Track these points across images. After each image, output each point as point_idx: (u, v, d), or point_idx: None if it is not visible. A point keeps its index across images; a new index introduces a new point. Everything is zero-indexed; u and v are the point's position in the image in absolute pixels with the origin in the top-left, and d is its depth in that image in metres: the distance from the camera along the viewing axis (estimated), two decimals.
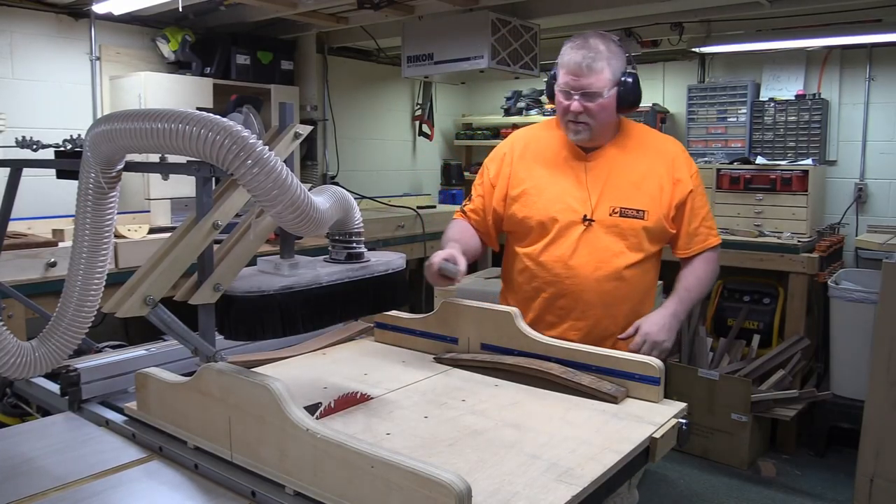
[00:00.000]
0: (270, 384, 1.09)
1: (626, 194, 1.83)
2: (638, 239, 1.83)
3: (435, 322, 1.78)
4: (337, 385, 1.53)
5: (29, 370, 1.22)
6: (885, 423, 2.62)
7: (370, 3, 3.41)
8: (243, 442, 1.16)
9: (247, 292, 1.18)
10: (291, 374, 1.63)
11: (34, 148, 1.68)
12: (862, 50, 3.99)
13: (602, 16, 3.63)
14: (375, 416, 1.35)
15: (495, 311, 1.67)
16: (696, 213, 1.89)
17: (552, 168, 1.90)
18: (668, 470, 3.46)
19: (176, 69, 3.76)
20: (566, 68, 1.78)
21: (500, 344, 1.65)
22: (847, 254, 4.09)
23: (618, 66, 1.78)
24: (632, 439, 1.25)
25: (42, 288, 2.47)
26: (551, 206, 1.86)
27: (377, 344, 1.91)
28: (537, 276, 1.88)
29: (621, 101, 1.80)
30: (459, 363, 1.67)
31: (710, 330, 4.00)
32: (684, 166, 1.88)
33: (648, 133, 1.95)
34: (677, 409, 1.39)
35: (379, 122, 5.05)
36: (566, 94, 1.79)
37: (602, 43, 1.77)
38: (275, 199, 1.09)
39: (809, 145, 4.04)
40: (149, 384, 1.35)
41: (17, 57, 3.26)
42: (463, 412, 1.38)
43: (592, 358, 1.51)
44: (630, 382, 1.46)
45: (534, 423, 1.32)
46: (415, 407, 1.40)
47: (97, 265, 1.22)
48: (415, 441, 1.23)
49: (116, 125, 1.13)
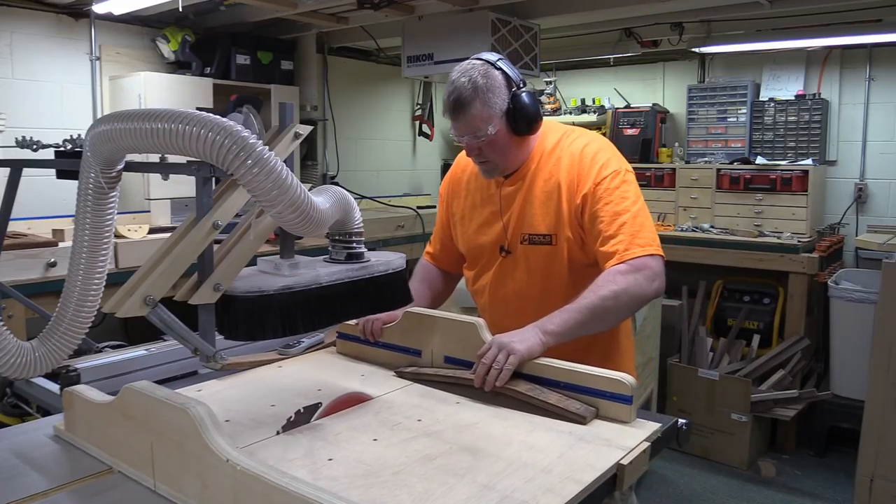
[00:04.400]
0: (190, 409, 1.02)
1: (532, 220, 1.67)
2: (552, 265, 1.66)
3: (398, 333, 1.65)
4: (285, 403, 1.41)
5: (29, 370, 1.22)
6: (885, 423, 2.62)
7: (370, 3, 3.41)
8: (165, 471, 1.08)
9: (247, 292, 1.18)
10: (235, 392, 1.51)
11: (34, 148, 1.68)
12: (862, 50, 3.99)
13: (602, 16, 3.63)
14: (321, 438, 1.24)
15: (459, 321, 1.55)
16: (599, 219, 1.58)
17: (476, 197, 1.79)
18: (668, 470, 3.46)
19: (176, 69, 3.76)
20: (446, 112, 1.62)
21: (465, 357, 1.52)
22: (847, 254, 4.09)
23: (498, 97, 1.57)
24: (596, 467, 1.14)
25: (42, 288, 2.47)
26: (475, 238, 1.78)
27: (337, 356, 1.78)
28: (478, 303, 1.86)
29: (516, 130, 1.61)
30: (421, 378, 1.55)
31: (710, 330, 4.00)
32: (588, 171, 1.62)
33: (565, 141, 1.69)
34: (649, 432, 1.28)
35: (379, 122, 5.05)
36: (460, 138, 1.63)
37: (474, 76, 1.56)
38: (275, 199, 1.09)
39: (809, 145, 4.04)
40: (75, 403, 1.27)
41: (17, 57, 3.26)
42: (416, 434, 1.27)
43: (561, 374, 1.39)
44: (601, 401, 1.34)
45: (492, 447, 1.21)
46: (365, 428, 1.29)
47: (97, 265, 1.22)
48: (358, 468, 1.13)
49: (116, 125, 1.13)
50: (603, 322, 1.52)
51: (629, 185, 1.61)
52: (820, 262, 3.58)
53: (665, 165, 4.32)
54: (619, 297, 1.49)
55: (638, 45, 4.28)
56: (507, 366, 1.38)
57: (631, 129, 4.50)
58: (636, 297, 1.51)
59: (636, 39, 4.24)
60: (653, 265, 1.53)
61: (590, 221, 1.60)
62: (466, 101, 1.55)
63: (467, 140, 1.61)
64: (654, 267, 1.53)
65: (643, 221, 1.58)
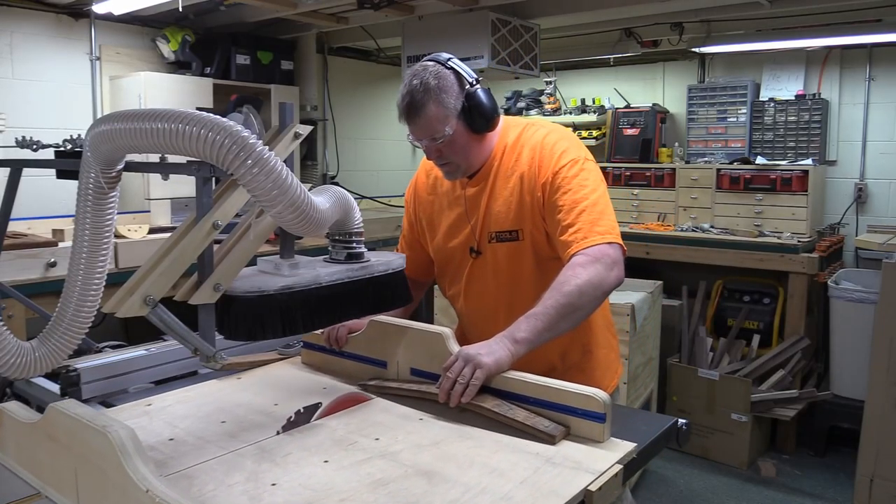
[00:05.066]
0: (111, 432, 0.95)
1: (497, 217, 1.64)
2: (522, 262, 1.63)
3: (363, 343, 1.57)
4: (237, 421, 1.32)
5: (29, 370, 1.22)
6: (885, 423, 2.63)
7: (370, 3, 3.42)
8: (90, 499, 1.01)
9: (247, 292, 1.18)
10: (184, 408, 1.42)
11: (34, 148, 1.68)
12: (862, 50, 3.99)
13: (602, 16, 3.64)
14: (268, 459, 1.15)
15: (425, 331, 1.47)
16: (558, 208, 1.55)
17: (443, 201, 1.76)
18: (667, 470, 3.47)
19: (176, 69, 3.76)
20: (401, 117, 1.59)
21: (431, 369, 1.43)
22: (847, 254, 4.09)
23: (451, 97, 1.54)
24: (561, 494, 1.04)
25: (42, 288, 2.48)
26: (444, 242, 1.75)
27: (302, 367, 1.69)
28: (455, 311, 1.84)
29: (473, 128, 1.58)
30: (385, 391, 1.46)
31: (710, 330, 4.00)
32: (548, 160, 1.59)
33: (525, 134, 1.67)
34: (623, 453, 1.18)
35: (379, 122, 5.05)
36: (418, 141, 1.61)
37: (426, 78, 1.54)
38: (275, 199, 1.09)
39: (809, 145, 4.05)
40: (4, 421, 1.21)
41: (17, 57, 3.26)
42: (372, 455, 1.17)
43: (530, 388, 1.29)
44: (572, 418, 1.24)
45: (451, 470, 1.12)
46: (318, 448, 1.20)
47: (97, 265, 1.22)
48: (301, 496, 1.04)
49: (116, 125, 1.13)
50: (572, 320, 1.45)
51: (589, 173, 1.58)
52: (820, 262, 3.58)
53: (665, 165, 4.32)
54: (584, 290, 1.43)
55: (638, 45, 4.28)
56: (473, 380, 1.30)
57: (631, 129, 4.50)
58: (599, 288, 1.45)
59: (636, 39, 4.25)
60: (611, 253, 1.48)
61: (549, 211, 1.57)
62: (420, 103, 1.53)
63: (426, 143, 1.58)
64: (613, 255, 1.49)
65: (603, 209, 1.54)
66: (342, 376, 1.59)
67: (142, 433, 1.19)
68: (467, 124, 1.57)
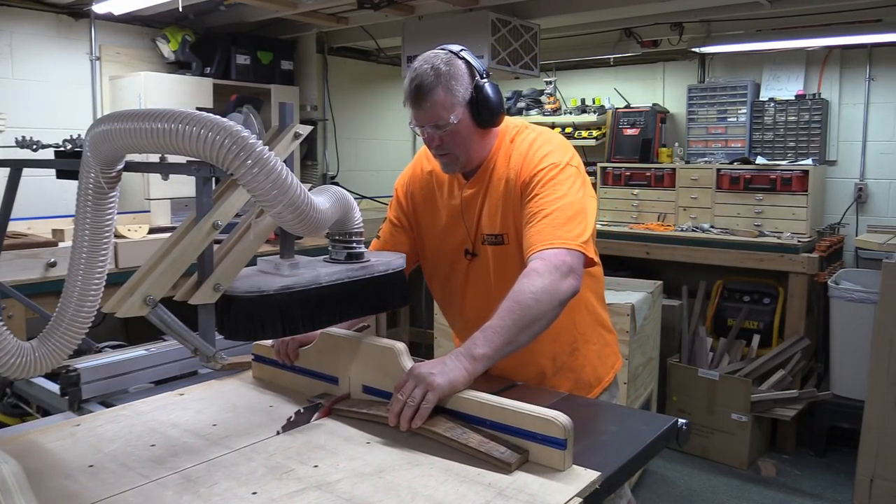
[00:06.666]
0: None
1: (488, 220, 1.62)
2: (509, 266, 1.58)
3: (314, 356, 1.48)
4: (167, 444, 1.24)
5: (29, 370, 1.22)
6: (885, 423, 2.63)
7: (370, 3, 3.42)
8: None
9: (247, 292, 1.18)
10: (114, 428, 1.32)
11: (34, 148, 1.68)
12: (862, 50, 3.99)
13: (602, 16, 3.64)
14: (192, 491, 1.06)
15: (375, 345, 1.38)
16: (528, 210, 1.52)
17: (439, 200, 1.72)
18: (667, 470, 3.47)
19: (176, 69, 3.76)
20: (407, 100, 1.56)
21: (384, 386, 1.35)
22: (847, 254, 4.09)
23: (461, 85, 1.52)
24: None
25: (42, 288, 2.48)
26: (439, 243, 1.72)
27: (250, 382, 1.60)
28: (446, 315, 1.82)
29: (478, 121, 1.55)
30: (337, 413, 1.38)
31: (710, 330, 4.00)
32: (529, 163, 1.57)
33: (518, 137, 1.64)
34: (584, 484, 1.07)
35: (379, 122, 5.05)
36: (420, 128, 1.57)
37: (437, 63, 1.52)
38: (274, 199, 1.09)
39: (809, 145, 4.05)
40: None
41: (17, 57, 3.26)
42: (306, 486, 1.08)
43: (486, 410, 1.20)
44: (531, 444, 1.14)
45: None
46: (249, 476, 1.11)
47: (97, 265, 1.22)
48: None
49: (116, 125, 1.13)
50: (531, 332, 1.37)
51: (567, 178, 1.53)
52: (820, 262, 3.58)
53: (665, 165, 4.32)
54: (540, 299, 1.35)
55: (638, 45, 4.28)
56: (424, 403, 1.22)
57: (631, 129, 4.50)
58: (554, 297, 1.38)
59: (636, 39, 4.25)
60: (568, 260, 1.41)
61: (523, 213, 1.54)
62: (428, 87, 1.50)
63: (428, 130, 1.54)
64: (570, 262, 1.41)
65: (572, 216, 1.48)
66: (291, 393, 1.50)
67: (63, 457, 1.18)
68: (473, 116, 1.55)
